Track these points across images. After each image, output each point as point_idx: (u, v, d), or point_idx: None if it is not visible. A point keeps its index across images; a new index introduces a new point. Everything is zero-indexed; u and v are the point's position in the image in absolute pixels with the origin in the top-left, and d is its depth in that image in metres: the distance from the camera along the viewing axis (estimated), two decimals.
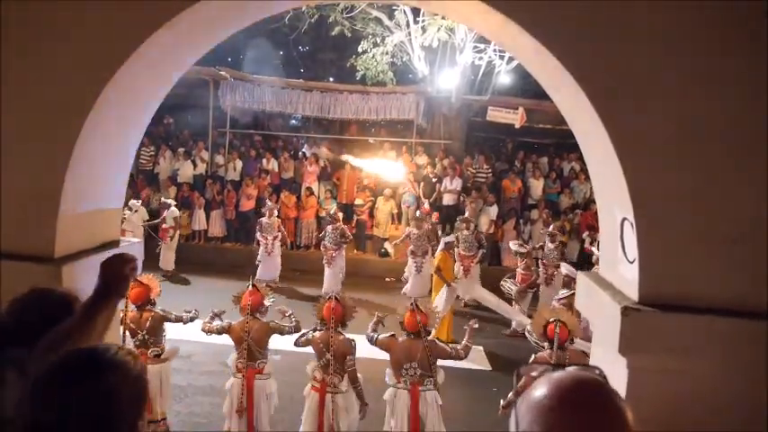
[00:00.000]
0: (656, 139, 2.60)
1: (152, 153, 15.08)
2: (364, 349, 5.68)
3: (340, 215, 12.05)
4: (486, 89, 14.82)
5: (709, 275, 2.55)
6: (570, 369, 1.16)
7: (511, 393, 4.68)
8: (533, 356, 5.46)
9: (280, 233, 11.92)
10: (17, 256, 2.81)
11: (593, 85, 2.64)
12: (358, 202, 14.06)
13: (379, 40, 14.20)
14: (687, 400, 2.42)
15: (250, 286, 5.72)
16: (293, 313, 5.79)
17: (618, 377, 2.52)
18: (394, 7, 13.68)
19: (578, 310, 3.89)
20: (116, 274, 2.00)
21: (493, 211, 13.35)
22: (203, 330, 5.73)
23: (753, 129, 2.51)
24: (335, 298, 5.58)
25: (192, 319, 5.89)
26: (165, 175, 14.79)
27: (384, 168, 11.62)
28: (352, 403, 5.40)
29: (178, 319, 5.82)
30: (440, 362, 5.52)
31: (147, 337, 5.57)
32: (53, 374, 1.33)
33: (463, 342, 5.65)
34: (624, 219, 2.71)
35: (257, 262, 11.73)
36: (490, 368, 8.38)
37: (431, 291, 10.06)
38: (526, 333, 5.77)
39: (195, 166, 14.97)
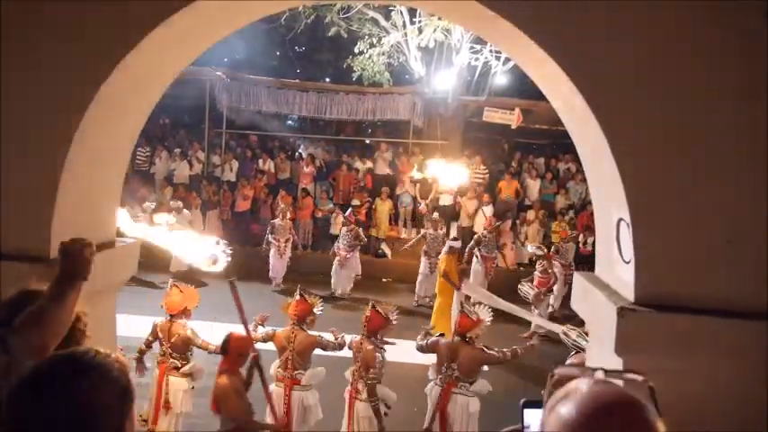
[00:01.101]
0: (652, 139, 2.60)
1: (148, 153, 15.02)
2: (395, 354, 5.78)
3: (354, 217, 12.06)
4: (483, 90, 14.82)
5: (705, 276, 2.56)
6: (608, 382, 1.10)
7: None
8: (572, 355, 5.41)
9: (291, 235, 11.89)
10: (13, 257, 2.80)
11: (590, 86, 2.64)
12: (354, 202, 14.06)
13: (375, 41, 14.19)
14: (684, 400, 2.41)
15: (298, 296, 5.66)
16: (343, 336, 5.73)
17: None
18: (390, 8, 13.67)
19: None
20: (75, 259, 2.07)
21: (488, 211, 13.35)
22: None
23: (750, 129, 2.52)
24: (373, 307, 5.54)
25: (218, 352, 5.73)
26: (161, 176, 14.75)
27: (446, 173, 11.35)
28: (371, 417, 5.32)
29: (204, 347, 5.63)
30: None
31: (170, 350, 5.52)
32: (32, 379, 1.34)
33: (514, 346, 5.63)
34: (620, 219, 2.72)
35: (270, 266, 11.67)
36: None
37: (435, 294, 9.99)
38: (561, 335, 5.75)
39: (191, 166, 14.93)
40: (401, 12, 13.69)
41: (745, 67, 2.52)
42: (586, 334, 5.31)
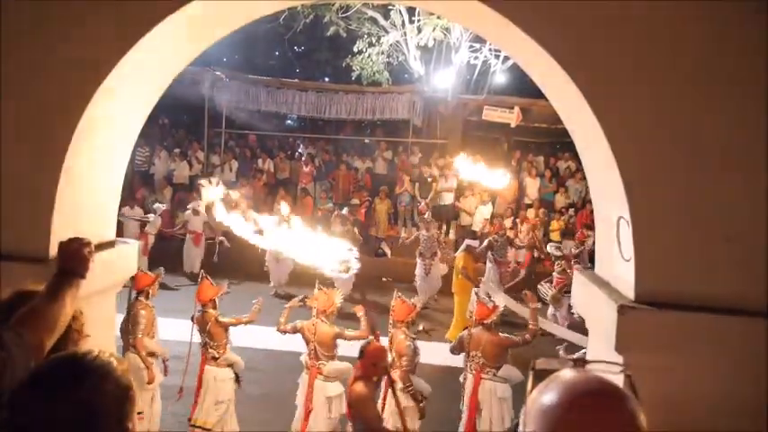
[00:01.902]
0: (652, 138, 2.61)
1: (147, 154, 15.00)
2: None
3: (352, 217, 12.02)
4: (482, 88, 14.84)
5: (705, 273, 2.56)
6: (587, 371, 1.12)
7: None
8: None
9: None
10: (13, 257, 2.80)
11: (590, 85, 2.64)
12: (354, 202, 14.06)
13: (374, 40, 14.19)
14: (684, 398, 2.42)
15: (316, 289, 5.86)
16: (368, 311, 5.79)
17: (614, 375, 2.52)
18: (389, 7, 13.67)
19: None
20: (73, 256, 2.11)
21: (487, 210, 13.35)
22: (278, 330, 5.87)
23: (750, 128, 2.52)
24: (398, 296, 5.76)
25: (252, 319, 5.89)
26: (161, 176, 14.73)
27: (486, 176, 11.22)
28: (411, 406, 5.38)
29: (238, 322, 5.82)
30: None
31: (207, 340, 5.71)
32: (33, 380, 1.35)
33: (529, 325, 5.68)
34: (620, 217, 2.72)
35: (265, 268, 11.49)
36: None
37: (452, 293, 9.87)
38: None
39: (191, 166, 14.93)
40: (400, 11, 13.69)
41: (746, 66, 2.52)
42: None
